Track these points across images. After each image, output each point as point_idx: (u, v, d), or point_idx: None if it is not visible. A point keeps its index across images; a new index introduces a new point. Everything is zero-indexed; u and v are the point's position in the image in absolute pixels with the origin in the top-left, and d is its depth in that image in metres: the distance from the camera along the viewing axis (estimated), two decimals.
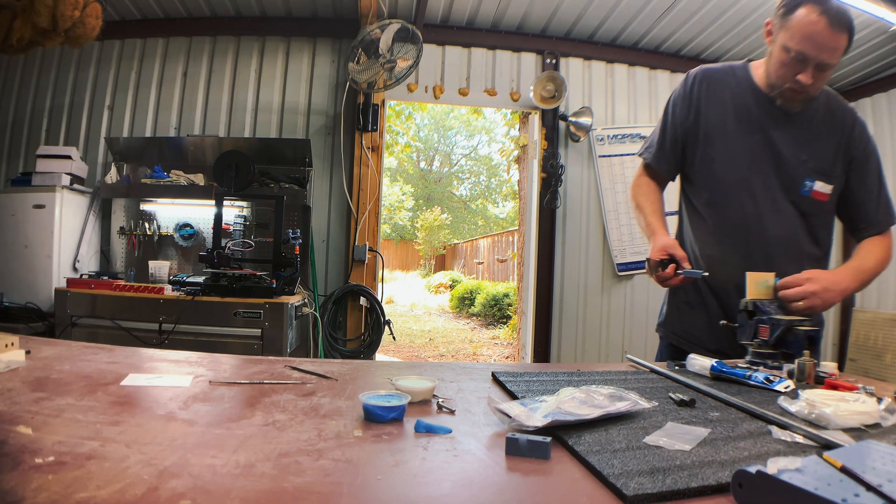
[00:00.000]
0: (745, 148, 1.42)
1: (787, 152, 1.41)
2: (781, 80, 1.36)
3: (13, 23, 1.92)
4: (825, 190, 1.41)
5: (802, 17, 1.27)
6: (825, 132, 1.42)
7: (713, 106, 1.48)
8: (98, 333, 2.76)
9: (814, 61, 1.29)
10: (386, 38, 3.12)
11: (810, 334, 1.19)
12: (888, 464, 0.48)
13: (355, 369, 1.04)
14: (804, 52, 1.28)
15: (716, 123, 1.47)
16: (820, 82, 1.33)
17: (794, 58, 1.30)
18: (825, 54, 1.28)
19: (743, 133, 1.43)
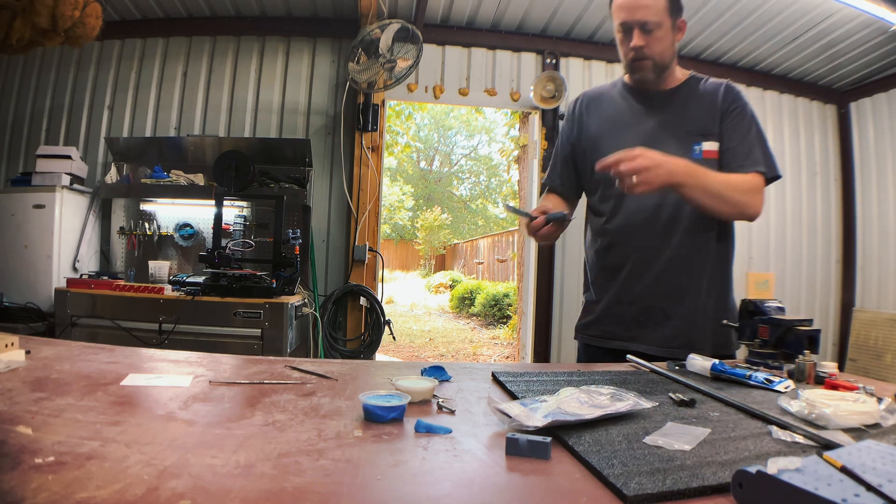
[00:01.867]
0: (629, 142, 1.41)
1: (669, 130, 1.47)
2: (626, 57, 1.47)
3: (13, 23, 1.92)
4: (714, 147, 1.45)
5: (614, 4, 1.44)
6: (699, 99, 1.50)
7: (594, 116, 1.58)
8: (98, 333, 2.76)
9: (635, 24, 1.39)
10: (386, 38, 3.13)
11: (810, 334, 1.19)
12: (888, 464, 0.48)
13: (355, 369, 1.04)
14: (624, 21, 1.41)
15: (598, 129, 1.55)
16: (655, 44, 1.41)
17: (622, 32, 1.44)
18: (640, 13, 1.38)
19: (623, 130, 1.50)
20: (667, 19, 1.41)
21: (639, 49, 1.41)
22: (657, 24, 1.39)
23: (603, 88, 1.64)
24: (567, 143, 1.63)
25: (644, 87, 1.52)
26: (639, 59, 1.43)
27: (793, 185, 4.17)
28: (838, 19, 3.28)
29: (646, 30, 1.39)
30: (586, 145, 1.57)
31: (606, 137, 1.51)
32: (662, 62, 1.45)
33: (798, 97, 4.22)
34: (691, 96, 1.50)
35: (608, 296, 1.53)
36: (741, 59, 3.97)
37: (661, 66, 1.46)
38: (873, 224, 4.06)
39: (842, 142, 4.24)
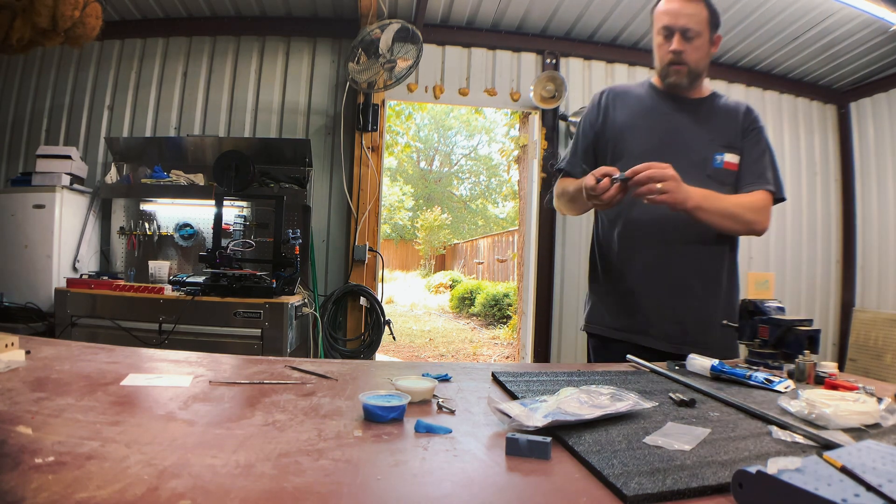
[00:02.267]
0: (655, 137, 1.51)
1: (694, 134, 1.51)
2: (662, 60, 1.51)
3: (13, 23, 1.92)
4: (734, 160, 1.51)
5: (659, 6, 1.51)
6: (724, 113, 1.56)
7: (620, 109, 1.59)
8: (98, 333, 2.76)
9: (677, 30, 1.45)
10: (386, 38, 3.13)
11: (810, 334, 1.19)
12: (888, 464, 0.48)
13: (355, 369, 1.04)
14: (666, 25, 1.46)
15: (623, 122, 1.57)
16: (693, 52, 1.47)
17: (662, 35, 1.49)
18: (682, 20, 1.44)
19: (650, 125, 1.53)
20: (706, 31, 1.47)
21: (678, 53, 1.46)
22: (697, 33, 1.45)
23: (630, 86, 1.67)
24: (591, 131, 1.63)
25: (674, 92, 1.55)
26: (676, 63, 1.48)
27: (793, 185, 4.17)
28: (838, 19, 3.27)
29: (687, 37, 1.45)
30: (610, 135, 1.58)
31: (633, 130, 1.54)
32: (697, 70, 1.50)
33: (798, 97, 4.22)
34: (716, 108, 1.56)
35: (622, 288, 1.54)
36: (741, 59, 3.97)
37: (696, 75, 1.51)
38: (873, 224, 4.06)
39: (842, 142, 4.24)
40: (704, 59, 1.51)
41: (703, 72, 1.53)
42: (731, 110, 1.56)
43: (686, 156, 1.47)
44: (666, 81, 1.54)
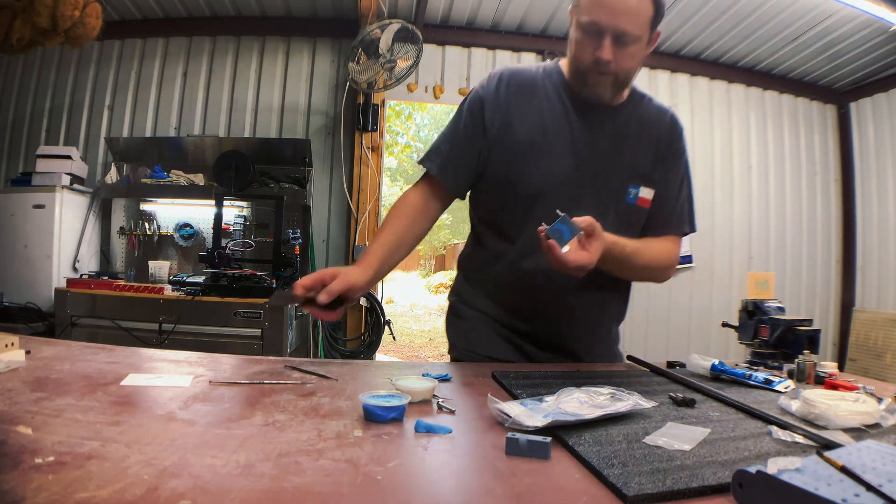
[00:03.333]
0: (565, 162, 1.20)
1: (610, 158, 1.22)
2: (581, 62, 1.15)
3: (13, 23, 1.92)
4: (648, 196, 1.24)
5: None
6: (645, 128, 1.26)
7: (522, 115, 1.24)
8: (98, 333, 2.76)
9: (610, 31, 1.09)
10: (386, 38, 3.12)
11: (810, 334, 1.19)
12: (888, 464, 0.48)
13: (355, 369, 1.04)
14: (597, 21, 1.09)
15: (526, 137, 1.22)
16: (624, 60, 1.13)
17: (588, 32, 1.12)
18: (621, 20, 1.08)
19: (558, 145, 1.22)
20: (646, 33, 1.14)
21: (608, 64, 1.12)
22: (636, 37, 1.12)
23: (535, 75, 1.28)
24: (479, 133, 1.25)
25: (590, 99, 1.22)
26: (602, 73, 1.14)
27: (793, 185, 4.17)
28: (838, 19, 3.27)
29: (621, 42, 1.11)
30: (505, 150, 1.23)
31: (535, 153, 1.21)
32: (625, 80, 1.20)
33: (798, 97, 4.22)
34: (634, 120, 1.26)
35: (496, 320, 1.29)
36: (741, 59, 3.97)
37: (622, 86, 1.20)
38: (873, 224, 4.05)
39: (842, 142, 4.24)
40: (637, 67, 1.18)
41: (631, 80, 1.22)
42: (654, 122, 1.27)
43: (600, 187, 1.21)
44: (582, 90, 1.20)
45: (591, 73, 1.15)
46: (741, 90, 4.12)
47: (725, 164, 4.08)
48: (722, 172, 4.07)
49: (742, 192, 4.10)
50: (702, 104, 4.06)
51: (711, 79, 4.07)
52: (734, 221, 4.07)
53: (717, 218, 4.04)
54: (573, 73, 1.21)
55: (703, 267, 3.99)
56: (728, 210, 4.06)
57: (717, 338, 3.93)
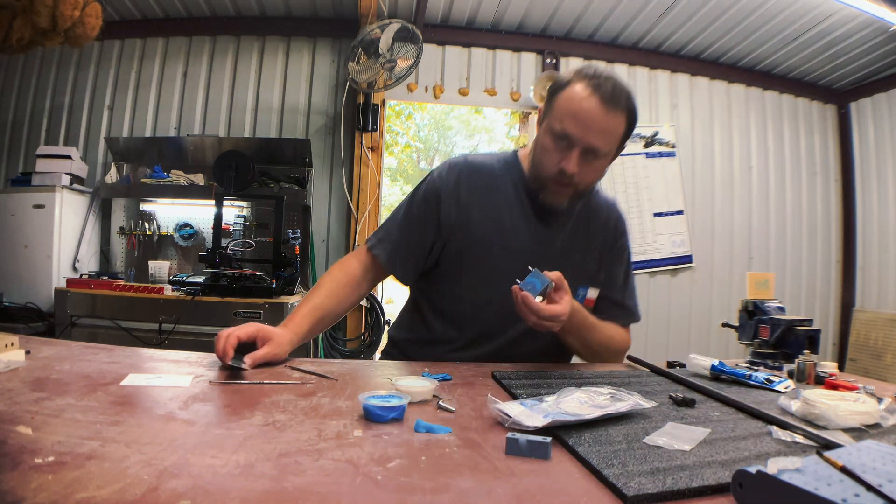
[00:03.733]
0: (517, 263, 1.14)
1: (562, 260, 1.23)
2: (545, 170, 1.16)
3: (13, 23, 1.92)
4: (594, 295, 1.28)
5: (570, 93, 1.11)
6: (591, 233, 1.29)
7: (483, 214, 1.23)
8: (98, 333, 2.76)
9: (580, 144, 1.10)
10: (386, 37, 3.12)
11: (810, 334, 1.19)
12: (888, 464, 0.48)
13: (355, 369, 1.04)
14: (568, 132, 1.10)
15: (485, 237, 1.22)
16: (588, 174, 1.15)
17: (558, 140, 1.12)
18: (593, 136, 1.09)
19: (516, 245, 1.22)
20: (615, 148, 1.16)
21: (571, 177, 1.13)
22: (605, 153, 1.14)
23: (494, 170, 1.28)
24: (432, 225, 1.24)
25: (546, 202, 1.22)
26: (565, 185, 1.15)
27: (793, 185, 4.17)
28: (838, 19, 3.27)
29: (588, 155, 1.12)
30: (462, 248, 1.23)
31: (493, 253, 1.22)
32: (584, 193, 1.22)
33: (798, 97, 4.22)
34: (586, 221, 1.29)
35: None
36: (741, 59, 3.97)
37: (580, 197, 1.22)
38: (873, 224, 4.05)
39: (842, 142, 4.24)
40: (598, 180, 1.21)
41: (589, 192, 1.25)
42: (601, 221, 1.30)
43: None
44: (540, 196, 1.20)
45: (552, 181, 1.16)
46: (741, 90, 4.12)
47: (725, 164, 4.08)
48: (722, 172, 4.07)
49: (742, 192, 4.10)
50: (702, 104, 4.06)
51: (711, 79, 4.07)
52: (734, 221, 4.07)
53: (717, 218, 4.04)
54: (533, 177, 1.21)
55: (703, 267, 3.99)
56: (728, 210, 4.06)
57: (717, 338, 3.93)
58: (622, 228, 1.33)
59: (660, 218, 3.92)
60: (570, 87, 1.12)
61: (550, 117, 1.15)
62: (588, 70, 1.13)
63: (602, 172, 1.19)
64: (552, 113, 1.14)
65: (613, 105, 1.09)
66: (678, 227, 3.94)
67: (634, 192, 3.90)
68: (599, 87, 1.10)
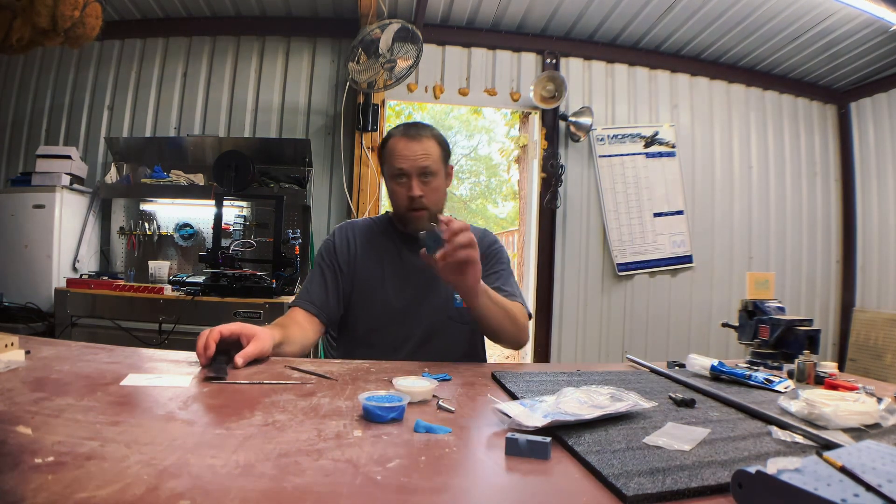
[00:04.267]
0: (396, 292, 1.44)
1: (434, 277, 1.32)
2: (400, 207, 1.43)
3: (13, 23, 1.92)
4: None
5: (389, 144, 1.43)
6: None
7: (367, 259, 1.49)
8: (98, 333, 2.76)
9: (412, 171, 1.39)
10: (386, 37, 3.12)
11: (810, 334, 1.19)
12: (888, 464, 0.48)
13: (355, 369, 1.04)
14: (400, 168, 1.39)
15: (370, 276, 1.47)
16: (432, 193, 1.42)
17: (397, 179, 1.41)
18: (418, 160, 1.39)
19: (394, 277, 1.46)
20: (441, 167, 1.44)
21: (420, 199, 1.39)
22: (434, 172, 1.41)
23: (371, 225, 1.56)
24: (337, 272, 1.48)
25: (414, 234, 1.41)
26: (418, 209, 1.41)
27: (793, 185, 4.17)
28: (838, 19, 3.27)
29: (425, 179, 1.40)
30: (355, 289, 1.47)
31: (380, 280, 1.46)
32: (438, 210, 1.45)
33: (798, 97, 4.22)
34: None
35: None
36: (741, 59, 3.97)
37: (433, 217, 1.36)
38: (873, 224, 4.06)
39: (842, 142, 4.24)
40: (443, 198, 1.47)
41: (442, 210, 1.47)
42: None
43: (430, 300, 1.44)
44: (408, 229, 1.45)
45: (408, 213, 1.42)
46: (741, 90, 4.12)
47: (725, 164, 4.08)
48: (722, 172, 4.07)
49: (742, 192, 4.10)
50: (702, 104, 4.06)
51: (711, 79, 4.07)
52: (734, 221, 4.07)
53: (717, 218, 4.04)
54: (397, 217, 1.50)
55: (703, 267, 4.00)
56: (728, 210, 4.06)
57: (717, 338, 3.93)
58: (492, 239, 1.57)
59: (660, 218, 3.92)
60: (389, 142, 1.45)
61: (385, 168, 1.46)
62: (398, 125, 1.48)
63: (442, 192, 1.46)
64: (385, 165, 1.46)
65: (419, 133, 1.43)
66: (678, 227, 3.94)
67: (634, 192, 3.90)
68: (405, 129, 1.44)
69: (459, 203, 24.35)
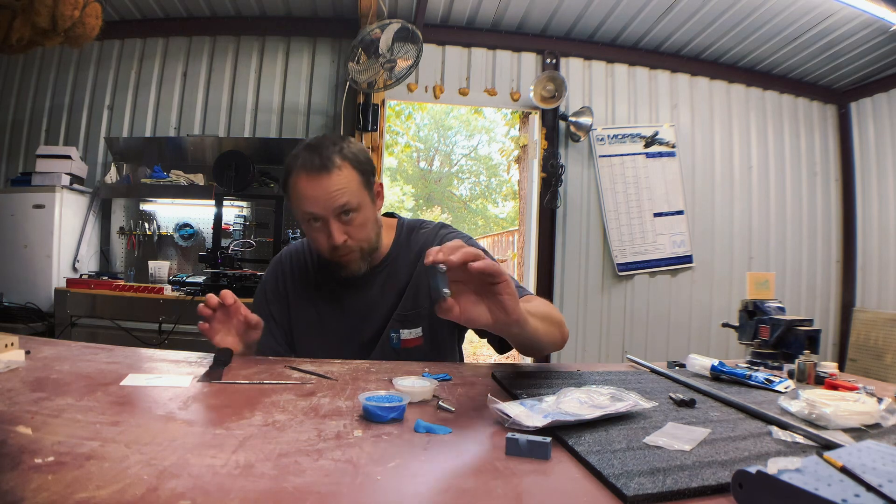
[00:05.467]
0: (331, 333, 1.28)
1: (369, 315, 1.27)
2: (324, 252, 1.21)
3: (13, 23, 1.92)
4: (413, 335, 1.25)
5: (292, 185, 1.17)
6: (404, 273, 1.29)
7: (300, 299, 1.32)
8: (98, 333, 2.76)
9: (328, 215, 1.14)
10: (386, 37, 3.12)
11: (810, 334, 1.19)
12: (888, 464, 0.48)
13: (355, 369, 1.04)
14: (313, 213, 1.15)
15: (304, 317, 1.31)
16: (358, 232, 1.18)
17: (312, 223, 1.17)
18: (332, 202, 1.13)
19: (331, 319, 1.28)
20: (365, 195, 1.18)
21: (344, 245, 1.16)
22: (356, 207, 1.16)
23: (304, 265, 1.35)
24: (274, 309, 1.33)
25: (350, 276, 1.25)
26: (347, 252, 1.18)
27: (793, 185, 4.17)
28: (838, 19, 3.27)
29: (342, 215, 1.15)
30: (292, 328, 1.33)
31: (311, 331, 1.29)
32: (371, 246, 1.23)
33: (798, 97, 4.22)
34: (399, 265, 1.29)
35: None
36: (741, 59, 3.97)
37: (370, 252, 1.23)
38: (873, 224, 4.06)
39: (842, 142, 4.24)
40: (374, 228, 1.23)
41: (377, 241, 1.25)
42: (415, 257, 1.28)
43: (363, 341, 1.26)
44: (339, 273, 1.24)
45: (336, 258, 1.20)
46: (741, 90, 4.12)
47: (725, 164, 4.08)
48: (722, 172, 4.07)
49: (742, 192, 4.10)
50: (702, 104, 4.06)
51: (711, 79, 4.07)
52: (734, 221, 4.07)
53: (717, 218, 4.04)
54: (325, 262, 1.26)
55: (703, 267, 4.00)
56: (728, 210, 4.06)
57: (717, 338, 3.93)
58: (444, 233, 1.33)
59: (660, 218, 3.92)
60: (291, 179, 1.17)
61: (294, 208, 1.21)
62: (299, 151, 1.18)
63: (371, 223, 1.21)
64: (294, 206, 1.20)
65: (325, 165, 1.13)
66: (678, 227, 3.95)
67: (634, 192, 3.90)
68: (306, 158, 1.15)
69: (459, 203, 24.35)
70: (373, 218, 1.22)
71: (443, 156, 25.82)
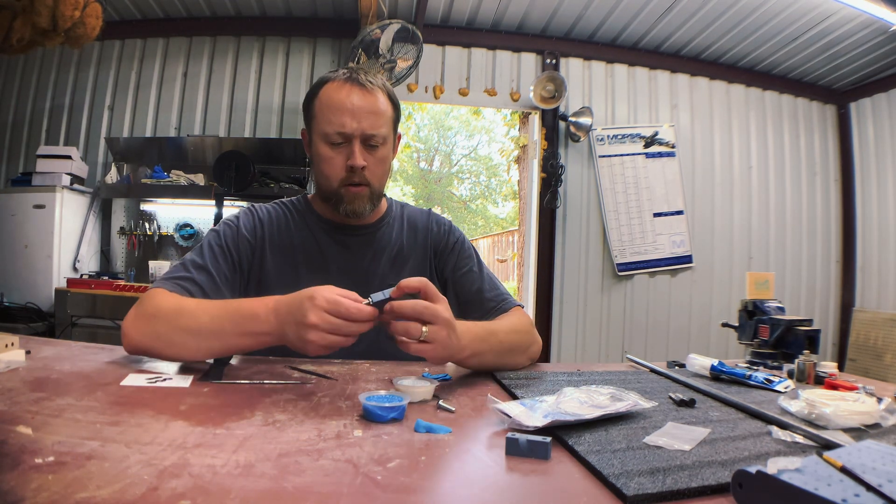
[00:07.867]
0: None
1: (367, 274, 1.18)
2: (334, 178, 1.11)
3: (13, 23, 1.92)
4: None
5: (327, 92, 1.09)
6: (407, 251, 1.23)
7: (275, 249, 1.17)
8: (98, 333, 2.76)
9: (357, 134, 1.07)
10: (386, 38, 3.12)
11: (810, 334, 1.19)
12: (888, 464, 0.48)
13: (355, 369, 1.04)
14: (342, 128, 1.07)
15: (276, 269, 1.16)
16: (376, 165, 1.11)
17: (334, 141, 1.08)
18: (366, 121, 1.07)
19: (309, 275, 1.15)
20: (391, 133, 1.13)
21: (362, 172, 1.09)
22: (383, 138, 1.10)
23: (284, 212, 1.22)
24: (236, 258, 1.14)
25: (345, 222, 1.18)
26: (358, 185, 1.11)
27: (793, 185, 4.17)
28: (838, 19, 3.27)
29: (368, 143, 1.09)
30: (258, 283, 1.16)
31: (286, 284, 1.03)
32: (379, 190, 1.17)
33: (798, 97, 4.22)
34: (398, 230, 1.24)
35: None
36: (741, 59, 3.97)
37: (377, 197, 1.17)
38: (873, 224, 4.06)
39: (842, 142, 4.24)
40: (388, 173, 1.17)
41: (384, 190, 1.19)
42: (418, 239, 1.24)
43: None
44: (341, 209, 1.14)
45: (344, 187, 1.11)
46: (741, 90, 4.12)
47: (725, 164, 4.08)
48: (722, 172, 4.07)
49: (742, 192, 4.10)
50: (702, 104, 4.06)
51: (711, 79, 4.07)
52: (734, 221, 4.07)
53: (717, 218, 4.04)
54: (326, 195, 1.16)
55: (703, 267, 4.00)
56: (728, 210, 4.06)
57: (717, 338, 3.93)
58: (444, 226, 1.28)
59: (660, 218, 3.92)
60: (324, 89, 1.10)
61: (317, 126, 1.11)
62: (333, 71, 1.14)
63: (387, 165, 1.15)
64: (316, 121, 1.11)
65: (370, 84, 1.09)
66: (678, 227, 3.95)
67: (634, 192, 3.90)
68: (350, 75, 1.10)
69: (459, 203, 24.36)
70: (389, 161, 1.16)
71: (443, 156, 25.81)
